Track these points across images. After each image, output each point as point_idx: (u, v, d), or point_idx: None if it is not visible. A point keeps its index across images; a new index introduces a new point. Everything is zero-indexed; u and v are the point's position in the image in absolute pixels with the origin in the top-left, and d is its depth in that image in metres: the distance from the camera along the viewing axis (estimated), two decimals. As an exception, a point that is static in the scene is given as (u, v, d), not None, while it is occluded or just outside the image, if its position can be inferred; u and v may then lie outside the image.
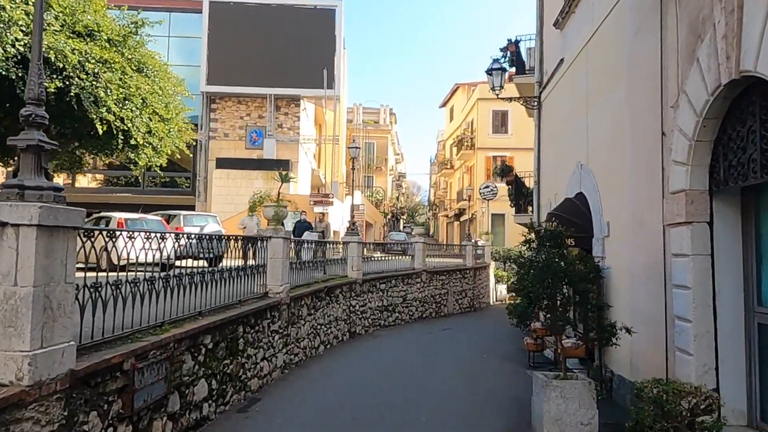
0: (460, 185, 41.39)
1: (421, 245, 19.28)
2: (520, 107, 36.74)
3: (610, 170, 7.83)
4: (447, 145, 49.69)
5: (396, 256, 19.31)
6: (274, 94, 28.60)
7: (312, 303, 10.99)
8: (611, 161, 7.77)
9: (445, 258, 22.36)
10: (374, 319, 15.68)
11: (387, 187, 60.41)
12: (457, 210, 41.94)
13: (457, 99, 45.66)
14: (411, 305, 18.35)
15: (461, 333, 15.79)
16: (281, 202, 8.95)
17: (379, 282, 16.13)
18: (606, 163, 8.00)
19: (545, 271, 5.99)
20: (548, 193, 11.60)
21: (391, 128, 61.52)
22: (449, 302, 21.60)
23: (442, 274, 21.17)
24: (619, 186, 7.41)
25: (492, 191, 31.73)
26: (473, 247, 24.91)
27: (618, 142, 7.49)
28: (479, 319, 20.44)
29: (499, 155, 36.86)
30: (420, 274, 19.12)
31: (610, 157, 7.81)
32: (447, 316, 20.69)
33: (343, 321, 13.35)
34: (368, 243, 17.58)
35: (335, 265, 13.69)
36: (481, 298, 25.80)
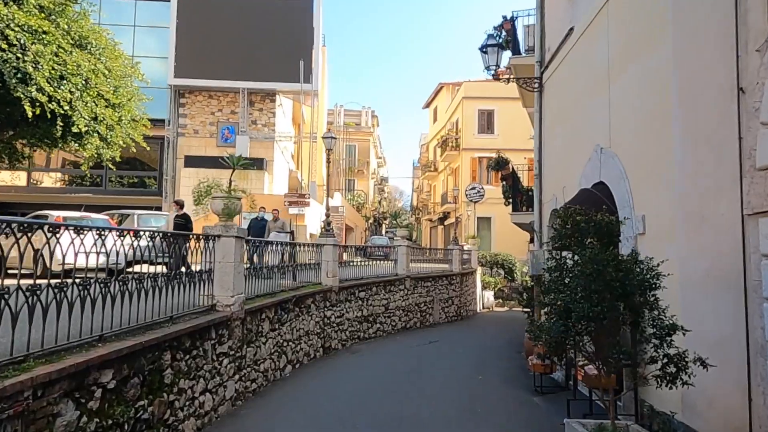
0: (445, 188, 39.87)
1: (404, 249, 17.60)
2: (507, 106, 35.46)
3: (643, 152, 6.22)
4: (431, 147, 48.14)
5: (377, 262, 17.63)
6: (248, 88, 26.76)
7: (276, 316, 9.22)
8: (646, 141, 6.17)
9: (429, 263, 20.72)
10: (352, 332, 13.93)
11: (369, 190, 58.70)
12: (441, 214, 40.38)
13: (441, 99, 44.22)
14: (394, 315, 16.64)
15: (450, 346, 14.11)
16: (234, 193, 7.19)
17: (358, 289, 14.41)
18: (638, 144, 6.40)
19: (594, 280, 4.34)
20: (553, 187, 10.01)
21: (373, 131, 59.89)
22: (435, 311, 19.93)
23: (427, 281, 19.51)
24: (658, 170, 5.80)
25: (479, 193, 30.19)
26: (460, 252, 23.32)
27: (657, 116, 5.88)
28: (468, 330, 18.79)
29: (485, 156, 35.33)
30: (403, 281, 17.42)
31: (645, 135, 6.21)
32: (433, 326, 19.01)
33: (315, 335, 11.59)
34: (347, 246, 15.88)
35: (307, 270, 11.93)
36: (468, 306, 24.20)
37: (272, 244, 9.99)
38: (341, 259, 15.20)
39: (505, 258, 31.65)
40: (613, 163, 7.08)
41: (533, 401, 8.23)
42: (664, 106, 5.73)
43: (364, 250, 19.25)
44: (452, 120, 38.91)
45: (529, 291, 12.74)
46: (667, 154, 5.61)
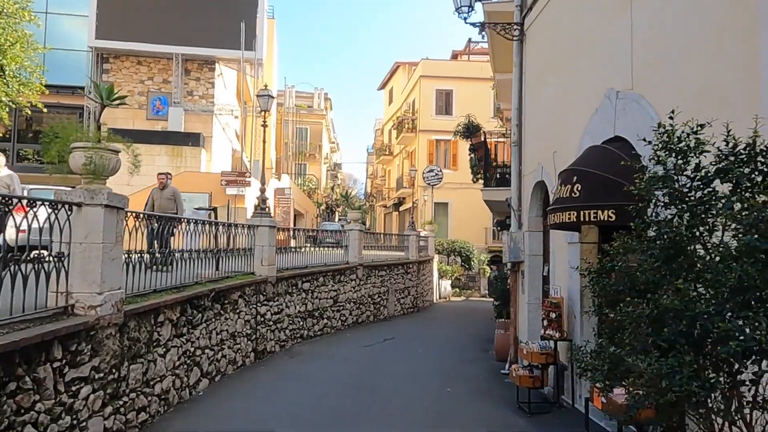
0: (400, 172, 37.95)
1: (357, 233, 15.50)
2: (467, 87, 33.69)
3: (702, 84, 4.32)
4: (385, 130, 46.04)
5: (328, 250, 15.47)
6: (183, 54, 23.92)
7: (184, 317, 6.98)
8: (705, 69, 4.26)
9: (384, 251, 18.73)
10: (294, 330, 11.78)
11: (321, 176, 56.22)
12: (396, 199, 38.48)
13: (397, 80, 42.15)
14: (344, 308, 14.56)
15: (408, 345, 12.16)
16: (105, 143, 4.90)
17: (302, 280, 12.24)
18: (690, 75, 4.49)
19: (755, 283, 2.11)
20: (538, 155, 8.12)
21: (326, 114, 57.29)
22: (390, 303, 17.98)
23: (382, 270, 17.51)
24: (732, 103, 3.90)
25: (437, 176, 28.39)
26: (416, 238, 21.43)
27: (729, 30, 3.98)
28: (426, 323, 16.92)
29: (443, 139, 33.57)
30: (355, 270, 15.35)
31: (702, 61, 4.30)
32: (387, 320, 17.05)
33: (245, 337, 9.38)
34: (295, 229, 13.61)
35: (235, 258, 9.68)
36: (424, 296, 22.40)
37: (183, 223, 7.70)
38: (287, 244, 13.00)
39: (463, 245, 30.07)
40: (639, 109, 5.17)
41: (520, 425, 6.33)
42: (743, 14, 3.82)
43: (315, 236, 17.00)
44: (408, 101, 36.92)
45: (502, 281, 10.90)
46: (747, 82, 3.71)
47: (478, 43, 37.07)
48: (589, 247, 6.33)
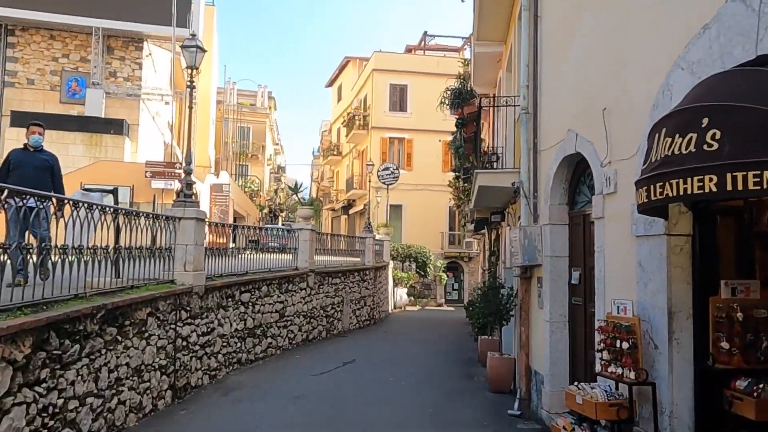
0: (350, 173, 35.52)
1: (308, 234, 13.03)
2: (422, 82, 31.58)
3: None
4: (334, 130, 43.52)
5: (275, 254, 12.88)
6: (104, 29, 20.70)
7: (43, 353, 4.37)
8: None
9: (338, 256, 16.28)
10: (229, 354, 9.19)
11: (264, 178, 53.03)
12: (346, 202, 36.01)
13: (346, 75, 39.79)
14: (292, 323, 12.05)
15: (374, 371, 9.79)
16: None
17: (240, 290, 9.68)
18: None
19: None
20: (568, 119, 5.99)
21: (270, 113, 54.23)
22: (345, 315, 15.56)
23: (336, 277, 15.10)
24: None
25: (393, 174, 26.23)
26: (373, 242, 19.14)
27: None
28: (388, 339, 14.60)
29: (398, 137, 31.53)
30: (306, 277, 12.87)
31: None
32: (342, 335, 14.63)
33: (157, 370, 6.76)
34: (225, 225, 10.88)
35: (146, 260, 7.04)
36: (380, 306, 20.11)
37: (67, 206, 5.08)
38: (225, 245, 10.38)
39: (419, 251, 28.03)
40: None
41: None
42: None
43: (257, 239, 14.18)
44: (360, 96, 34.66)
45: (494, 291, 8.70)
46: None
47: (434, 37, 35.40)
48: (680, 242, 4.20)
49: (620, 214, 4.85)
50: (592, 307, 5.74)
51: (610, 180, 5.02)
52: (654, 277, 4.33)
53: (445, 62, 32.39)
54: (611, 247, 5.03)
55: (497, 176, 7.45)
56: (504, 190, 7.68)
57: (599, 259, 5.22)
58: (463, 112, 7.85)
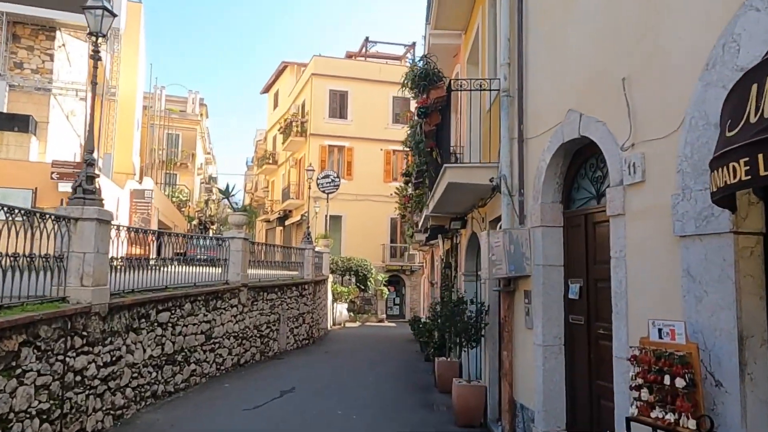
0: (286, 182, 33.78)
1: (240, 243, 11.46)
2: (363, 89, 30.38)
3: None
4: (269, 137, 41.60)
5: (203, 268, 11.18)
6: (9, 14, 18.31)
7: None
8: None
9: (273, 269, 14.69)
10: (141, 387, 7.52)
11: (194, 188, 50.16)
12: (281, 212, 34.15)
13: (284, 81, 38.14)
14: (221, 346, 10.43)
15: (318, 403, 8.36)
16: None
17: (157, 308, 8.03)
18: None
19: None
20: (567, 97, 4.92)
21: (201, 120, 51.58)
22: (282, 334, 14.01)
23: (272, 292, 13.56)
24: None
25: (333, 182, 24.86)
26: (313, 254, 17.69)
27: None
28: (330, 361, 13.15)
29: (337, 144, 30.20)
30: (237, 292, 11.28)
31: None
32: (279, 357, 13.08)
33: (32, 417, 5.09)
34: (139, 230, 9.05)
35: (29, 273, 5.37)
36: (319, 323, 18.65)
37: None
38: (144, 254, 8.67)
39: (360, 264, 26.73)
40: None
41: None
42: None
43: (183, 253, 12.27)
44: (297, 102, 33.15)
45: (460, 309, 7.50)
46: None
47: (375, 43, 34.53)
48: (750, 243, 3.14)
49: (652, 209, 3.79)
50: (600, 328, 4.65)
51: (634, 167, 3.95)
52: (713, 290, 3.25)
53: (387, 69, 31.53)
54: (637, 252, 3.94)
55: (470, 172, 6.30)
56: (477, 189, 6.55)
57: (618, 268, 4.12)
58: (429, 98, 6.70)
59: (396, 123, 30.55)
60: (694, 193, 3.39)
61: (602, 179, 4.79)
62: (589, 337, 4.81)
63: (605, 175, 4.73)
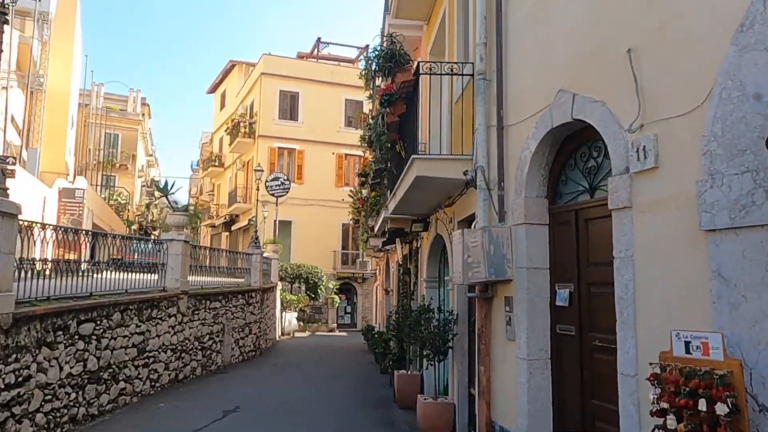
0: (233, 185, 32.43)
1: (180, 246, 10.45)
2: (315, 90, 29.49)
3: None
4: (216, 139, 40.02)
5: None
6: None
7: None
8: None
9: (217, 276, 13.65)
10: (57, 411, 6.46)
11: (135, 191, 47.73)
12: (228, 217, 32.73)
13: (232, 81, 36.74)
14: (156, 360, 9.38)
15: (264, 424, 7.49)
16: None
17: (78, 318, 6.98)
18: None
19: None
20: (559, 76, 4.32)
21: (143, 120, 49.27)
22: (226, 346, 12.98)
23: (216, 300, 12.54)
24: None
25: (282, 185, 23.87)
26: (261, 259, 16.72)
27: None
28: (279, 375, 12.23)
29: (287, 147, 29.18)
30: (176, 300, 10.26)
31: None
32: (223, 372, 12.05)
33: None
34: (62, 228, 7.91)
35: None
36: (267, 333, 17.66)
37: None
38: (79, 256, 7.56)
39: (310, 271, 25.79)
40: None
41: None
42: None
43: (119, 258, 11.04)
44: (246, 103, 31.94)
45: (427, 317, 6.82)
46: None
47: (328, 44, 33.76)
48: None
49: (668, 200, 3.21)
50: (595, 339, 4.06)
51: (644, 151, 3.38)
52: (753, 295, 2.68)
53: (340, 71, 30.83)
54: (648, 251, 3.36)
55: (441, 164, 5.65)
56: (447, 184, 5.91)
57: (623, 270, 3.54)
58: (395, 82, 6.04)
59: (349, 126, 29.88)
60: (726, 178, 2.82)
61: (596, 170, 4.22)
62: (582, 350, 4.21)
63: (600, 165, 4.17)
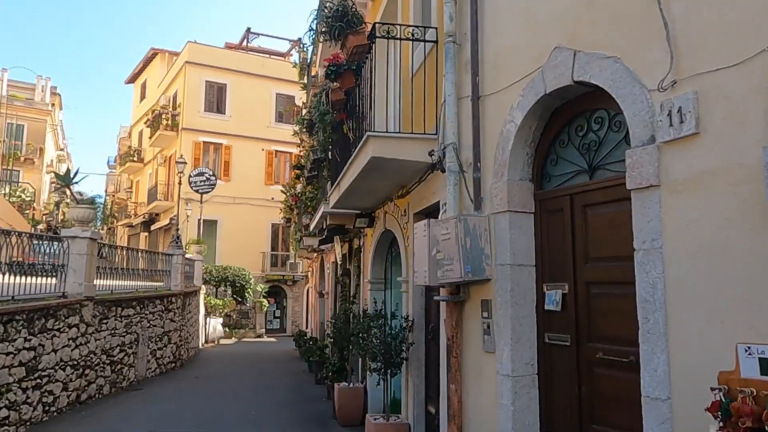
0: (153, 181, 30.17)
1: (85, 244, 9.00)
2: (245, 83, 27.92)
3: None
4: (135, 133, 37.31)
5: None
6: None
7: None
8: None
9: (130, 280, 12.14)
10: None
11: (42, 187, 43.84)
12: (147, 216, 30.37)
13: (153, 71, 34.30)
14: (51, 380, 7.93)
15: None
16: None
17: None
18: None
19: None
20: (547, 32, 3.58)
21: (53, 111, 45.42)
22: (141, 359, 11.53)
23: (129, 306, 11.09)
24: None
25: (208, 181, 22.27)
26: (183, 260, 15.26)
27: None
28: (200, 388, 10.95)
29: (213, 141, 27.39)
30: (79, 308, 8.81)
31: None
32: (136, 388, 10.64)
33: None
34: None
35: None
36: (189, 342, 16.18)
37: None
38: None
39: (237, 273, 24.26)
40: None
41: None
42: None
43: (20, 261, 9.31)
44: (168, 94, 29.82)
45: (378, 324, 5.93)
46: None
47: (258, 35, 32.25)
48: None
49: (716, 174, 2.49)
50: (598, 351, 3.31)
51: (679, 114, 2.65)
52: None
53: (271, 64, 29.41)
54: (685, 239, 2.63)
55: (402, 144, 4.76)
56: (405, 169, 5.05)
57: (649, 264, 2.79)
58: (345, 47, 5.14)
59: (280, 122, 28.53)
60: (810, 140, 2.13)
61: (597, 145, 3.48)
62: (579, 363, 3.46)
63: (603, 140, 3.44)
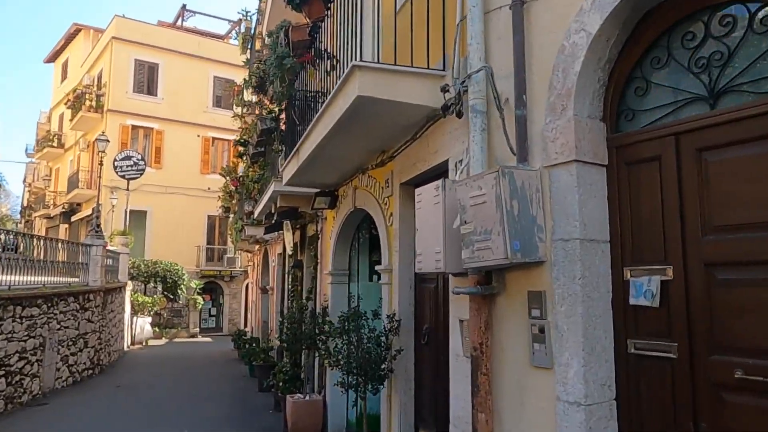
0: (75, 168, 27.38)
1: (-30, 228, 7.13)
2: (179, 63, 25.83)
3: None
4: (55, 116, 33.99)
5: None
6: None
7: None
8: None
9: (40, 274, 10.24)
10: None
11: (-55, 175, 39.38)
12: (67, 206, 27.54)
13: (76, 48, 31.26)
14: None
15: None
16: None
17: None
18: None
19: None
20: None
21: (-40, 90, 40.99)
22: (48, 367, 9.68)
23: (33, 305, 9.25)
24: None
25: (136, 166, 20.12)
26: (104, 252, 13.34)
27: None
28: (120, 401, 9.24)
29: (143, 125, 25.04)
30: (-40, 308, 6.98)
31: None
32: (40, 402, 8.82)
33: None
34: None
35: None
36: (111, 344, 14.28)
37: None
38: None
39: (169, 268, 22.18)
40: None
41: None
42: None
43: None
44: (93, 73, 27.12)
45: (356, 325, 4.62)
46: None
47: (194, 13, 30.00)
48: None
49: None
50: (733, 367, 2.16)
51: None
52: None
53: (208, 45, 27.36)
54: None
55: (400, 81, 3.48)
56: (399, 117, 3.77)
57: None
58: None
59: (218, 107, 26.56)
60: None
61: (724, 58, 2.33)
62: (695, 386, 2.30)
63: (734, 51, 2.29)
